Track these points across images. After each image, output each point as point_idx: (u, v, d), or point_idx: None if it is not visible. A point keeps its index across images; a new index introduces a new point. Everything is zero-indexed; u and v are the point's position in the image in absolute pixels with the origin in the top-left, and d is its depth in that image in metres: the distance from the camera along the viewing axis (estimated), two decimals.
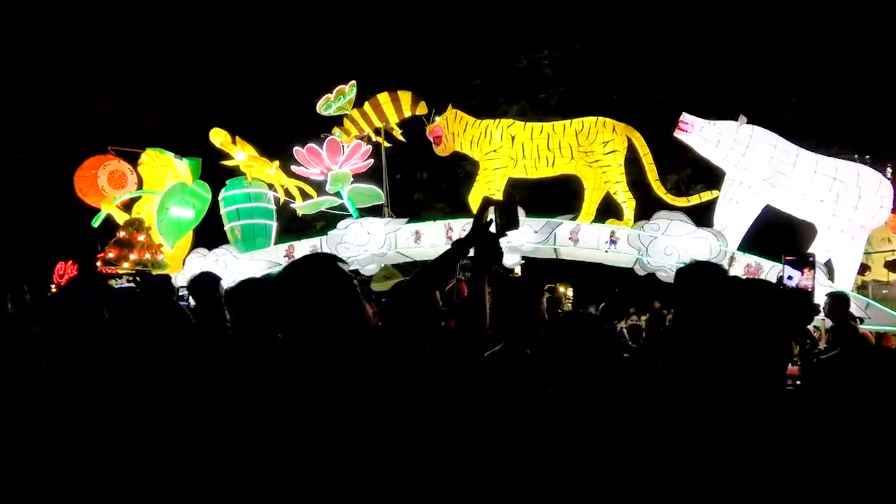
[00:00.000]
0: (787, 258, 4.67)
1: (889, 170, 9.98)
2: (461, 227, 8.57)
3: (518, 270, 12.70)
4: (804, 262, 5.25)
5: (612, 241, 8.08)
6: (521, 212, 8.41)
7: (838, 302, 5.61)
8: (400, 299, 2.18)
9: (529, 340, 2.72)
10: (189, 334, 2.84)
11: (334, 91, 9.39)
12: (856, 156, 9.50)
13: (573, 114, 9.05)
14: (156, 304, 2.95)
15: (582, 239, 8.21)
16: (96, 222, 10.00)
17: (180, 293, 5.06)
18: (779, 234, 8.42)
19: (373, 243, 8.75)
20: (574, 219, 8.48)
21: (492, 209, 2.00)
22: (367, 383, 1.72)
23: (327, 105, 9.43)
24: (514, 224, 1.98)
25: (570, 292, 18.30)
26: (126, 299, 3.14)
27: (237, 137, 9.77)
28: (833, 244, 7.77)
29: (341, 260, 1.91)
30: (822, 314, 5.63)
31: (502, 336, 2.78)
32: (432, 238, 8.68)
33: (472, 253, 1.99)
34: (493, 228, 1.96)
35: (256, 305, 2.67)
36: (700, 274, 2.57)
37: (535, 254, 8.53)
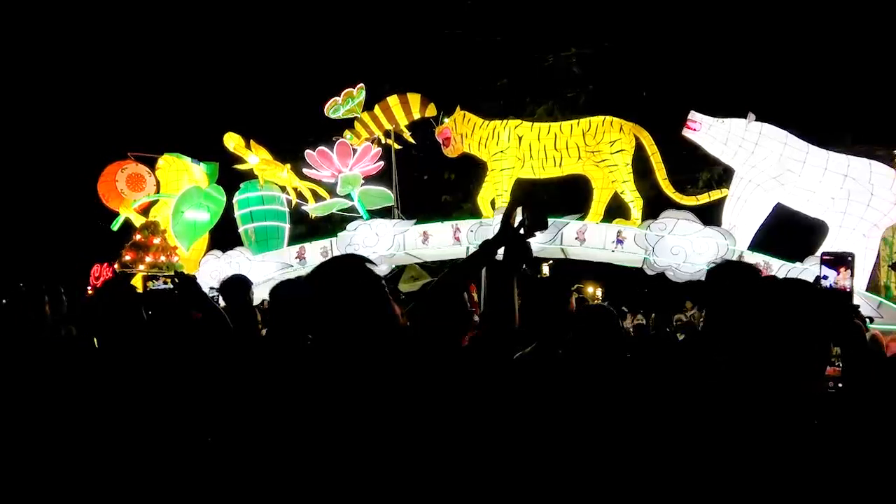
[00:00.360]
0: (824, 257, 4.60)
1: None
2: (468, 227, 8.65)
3: (546, 271, 12.69)
4: (841, 261, 5.20)
5: (619, 241, 8.08)
6: None
7: None
8: (429, 300, 2.19)
9: (561, 341, 2.73)
10: (227, 335, 2.91)
11: (342, 94, 9.51)
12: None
13: (596, 113, 9.03)
14: (195, 306, 3.00)
15: (588, 238, 8.22)
16: (115, 226, 10.25)
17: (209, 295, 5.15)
18: (790, 233, 8.37)
19: (381, 244, 8.85)
20: (581, 218, 8.50)
21: (520, 209, 1.97)
22: (396, 384, 1.74)
23: (335, 108, 9.56)
24: (542, 225, 1.95)
25: (598, 292, 18.26)
26: (165, 300, 3.20)
27: (251, 141, 9.94)
28: (844, 243, 7.68)
29: (369, 261, 1.90)
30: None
31: (533, 337, 2.78)
32: (440, 239, 8.75)
33: (500, 254, 2.00)
34: (521, 229, 1.95)
35: (289, 307, 2.72)
36: (731, 274, 2.54)
37: (542, 253, 8.56)
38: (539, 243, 8.26)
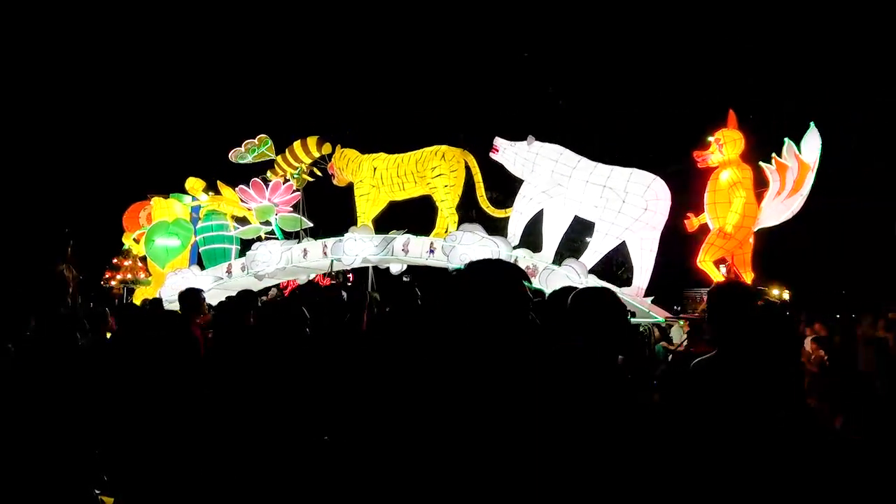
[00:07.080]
0: None
1: None
2: (332, 244, 10.70)
3: None
4: None
5: (431, 251, 9.67)
6: (370, 230, 10.29)
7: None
8: None
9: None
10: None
11: (243, 144, 12.07)
12: None
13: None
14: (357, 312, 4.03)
15: (411, 250, 9.89)
16: (121, 252, 13.70)
17: None
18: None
19: (273, 259, 11.21)
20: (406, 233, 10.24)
21: None
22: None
23: (240, 155, 12.14)
24: None
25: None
26: (338, 307, 4.20)
27: (219, 182, 12.85)
28: (600, 245, 8.65)
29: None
30: None
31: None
32: (314, 254, 10.90)
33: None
34: None
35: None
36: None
37: (382, 263, 10.38)
38: (375, 255, 10.15)
